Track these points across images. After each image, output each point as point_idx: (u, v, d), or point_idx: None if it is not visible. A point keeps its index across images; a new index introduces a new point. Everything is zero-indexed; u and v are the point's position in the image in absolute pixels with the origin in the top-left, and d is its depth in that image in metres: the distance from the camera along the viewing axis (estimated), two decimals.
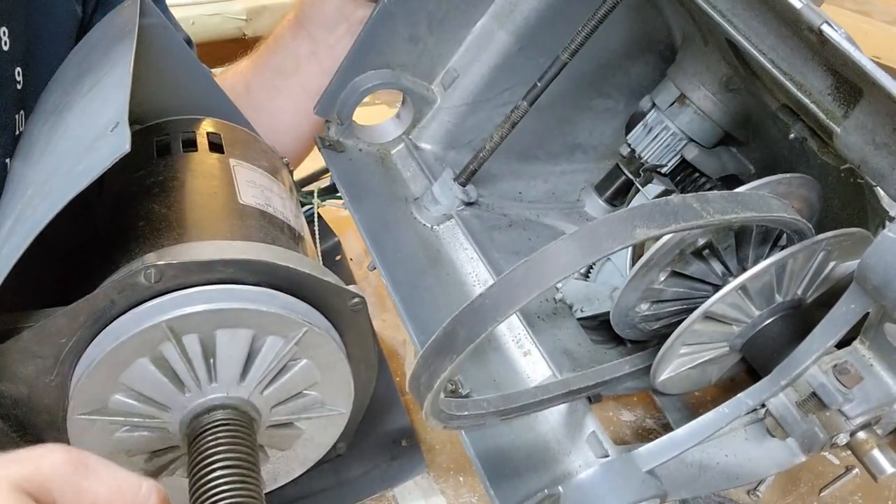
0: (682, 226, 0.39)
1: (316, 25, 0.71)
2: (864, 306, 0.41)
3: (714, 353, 0.55)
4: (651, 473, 0.47)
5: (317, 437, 0.52)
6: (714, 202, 0.41)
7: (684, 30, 0.68)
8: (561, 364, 0.57)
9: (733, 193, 0.44)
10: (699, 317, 0.49)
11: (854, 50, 0.37)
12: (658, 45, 0.72)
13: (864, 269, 0.38)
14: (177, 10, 1.09)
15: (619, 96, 0.76)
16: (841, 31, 0.39)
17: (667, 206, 0.40)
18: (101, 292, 0.42)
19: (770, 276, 0.49)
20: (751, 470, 0.52)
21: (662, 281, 0.53)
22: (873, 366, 0.50)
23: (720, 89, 0.66)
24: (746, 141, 0.71)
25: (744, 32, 0.51)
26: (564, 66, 0.60)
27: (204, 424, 0.44)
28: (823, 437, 0.50)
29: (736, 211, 0.42)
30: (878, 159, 0.44)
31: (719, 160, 0.71)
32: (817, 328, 0.44)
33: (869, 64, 0.37)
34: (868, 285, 0.38)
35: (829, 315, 0.43)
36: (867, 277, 0.38)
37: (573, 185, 0.77)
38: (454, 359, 0.38)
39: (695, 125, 0.68)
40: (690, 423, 0.47)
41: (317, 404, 0.50)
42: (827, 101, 0.47)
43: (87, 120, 0.46)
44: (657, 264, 0.52)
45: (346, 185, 0.63)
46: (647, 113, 0.71)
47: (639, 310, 0.57)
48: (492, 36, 0.67)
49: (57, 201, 0.38)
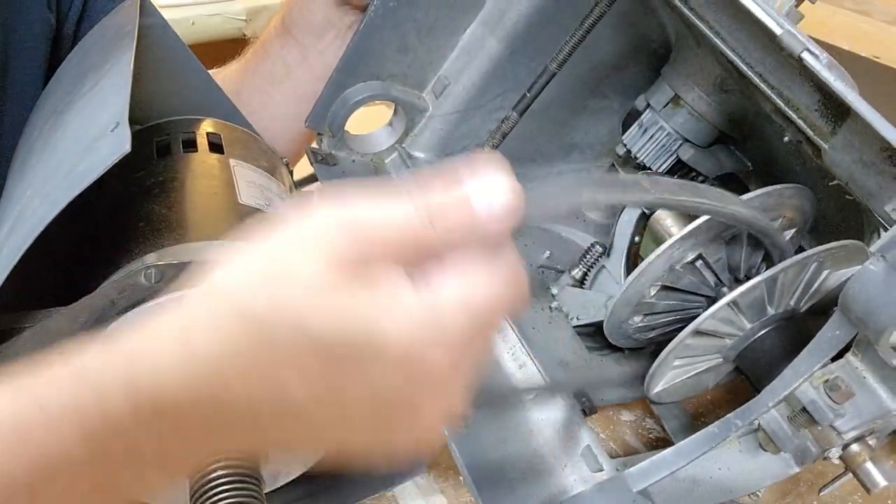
0: (627, 197, 0.38)
1: (304, 32, 0.70)
2: (849, 333, 0.41)
3: (708, 365, 0.55)
4: (643, 493, 0.48)
5: None
6: (665, 185, 0.41)
7: (677, 30, 0.67)
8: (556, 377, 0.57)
9: (690, 182, 0.44)
10: (689, 334, 0.49)
11: (835, 79, 0.37)
12: (652, 43, 0.71)
13: (847, 299, 0.38)
14: (177, 10, 1.09)
15: (615, 95, 0.75)
16: (822, 58, 0.38)
17: (615, 179, 0.39)
18: (101, 292, 0.42)
19: (761, 291, 0.48)
20: (745, 482, 0.52)
21: (654, 295, 0.53)
22: (866, 378, 0.50)
23: (714, 90, 0.65)
24: (743, 139, 0.70)
25: (731, 45, 0.51)
26: (553, 76, 0.59)
27: None
28: (815, 452, 0.50)
29: (685, 195, 0.42)
30: (866, 178, 0.44)
31: (716, 159, 0.70)
32: (804, 352, 0.44)
33: (850, 94, 0.37)
34: (851, 315, 0.38)
35: (816, 339, 0.43)
36: (850, 308, 0.38)
37: None
38: None
39: (689, 126, 0.67)
40: (680, 442, 0.48)
41: None
42: (814, 116, 0.46)
43: (86, 120, 0.46)
44: (649, 279, 0.53)
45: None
46: (643, 113, 0.70)
47: (632, 322, 0.57)
48: (482, 42, 0.67)
49: (57, 202, 0.38)
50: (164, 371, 0.26)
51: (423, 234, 0.28)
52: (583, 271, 0.65)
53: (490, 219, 0.28)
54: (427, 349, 0.28)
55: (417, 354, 0.28)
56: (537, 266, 0.68)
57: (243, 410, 0.27)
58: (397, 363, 0.28)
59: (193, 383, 0.26)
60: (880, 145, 0.42)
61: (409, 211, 0.28)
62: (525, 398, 0.52)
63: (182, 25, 0.85)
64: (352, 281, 0.27)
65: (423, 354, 0.28)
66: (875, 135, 0.41)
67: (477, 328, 0.29)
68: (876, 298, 0.36)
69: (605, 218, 0.72)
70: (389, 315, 0.27)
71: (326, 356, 0.27)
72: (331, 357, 0.27)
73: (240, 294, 0.27)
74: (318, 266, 0.27)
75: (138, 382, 0.26)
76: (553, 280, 0.67)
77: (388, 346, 0.27)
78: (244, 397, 0.27)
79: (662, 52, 0.71)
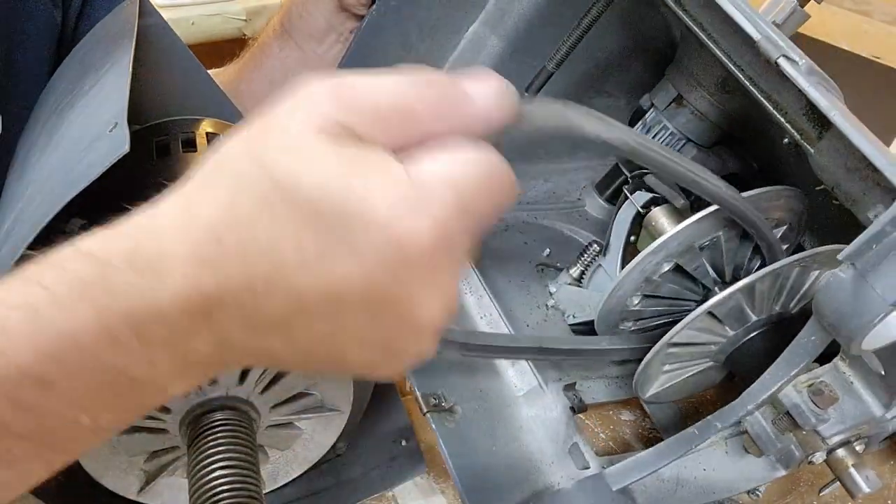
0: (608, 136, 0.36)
1: (303, 36, 0.71)
2: (824, 339, 0.41)
3: (699, 368, 0.55)
4: (623, 492, 0.48)
5: (316, 436, 0.53)
6: (652, 143, 0.40)
7: (682, 30, 0.66)
8: (547, 374, 0.58)
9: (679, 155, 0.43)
10: (663, 347, 0.49)
11: (809, 86, 0.37)
12: (658, 42, 0.71)
13: (818, 306, 0.38)
14: (177, 10, 1.09)
15: (620, 94, 0.75)
16: (802, 63, 0.38)
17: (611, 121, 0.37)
18: None
19: (737, 300, 0.48)
20: (730, 484, 0.53)
21: (638, 303, 0.53)
22: (854, 384, 0.50)
23: (717, 90, 0.65)
24: (748, 140, 0.70)
25: (724, 48, 0.51)
26: (551, 76, 0.59)
27: (204, 425, 0.44)
28: (799, 455, 0.50)
29: (670, 160, 0.40)
30: (850, 184, 0.44)
31: (720, 159, 0.70)
32: (782, 355, 0.44)
33: (824, 102, 0.36)
34: (824, 322, 0.38)
35: (793, 343, 0.43)
36: (822, 315, 0.38)
37: (575, 184, 0.77)
38: None
39: (692, 126, 0.67)
40: (660, 443, 0.48)
41: (316, 404, 0.50)
42: (802, 121, 0.46)
43: (86, 120, 0.46)
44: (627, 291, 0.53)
45: None
46: (647, 112, 0.70)
47: (624, 327, 0.57)
48: (484, 41, 0.67)
49: (56, 201, 0.38)
50: (167, 239, 0.26)
51: (414, 107, 0.28)
52: (580, 270, 0.65)
53: (482, 108, 0.28)
54: (414, 223, 0.27)
55: (405, 229, 0.27)
56: (537, 264, 0.68)
57: (240, 276, 0.27)
58: (385, 238, 0.27)
59: (195, 250, 0.26)
60: (864, 151, 0.42)
61: (402, 82, 0.28)
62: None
63: (182, 25, 0.85)
64: (338, 143, 0.27)
65: (409, 230, 0.27)
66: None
67: (462, 208, 0.28)
68: (845, 306, 0.36)
69: (605, 215, 0.72)
70: (374, 183, 0.27)
71: (314, 216, 0.26)
72: (319, 219, 0.26)
73: (234, 155, 0.28)
74: (306, 127, 0.27)
75: (143, 253, 0.26)
76: (552, 278, 0.68)
77: (376, 217, 0.27)
78: (240, 258, 0.26)
79: (668, 52, 0.71)
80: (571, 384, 0.58)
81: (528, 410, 0.57)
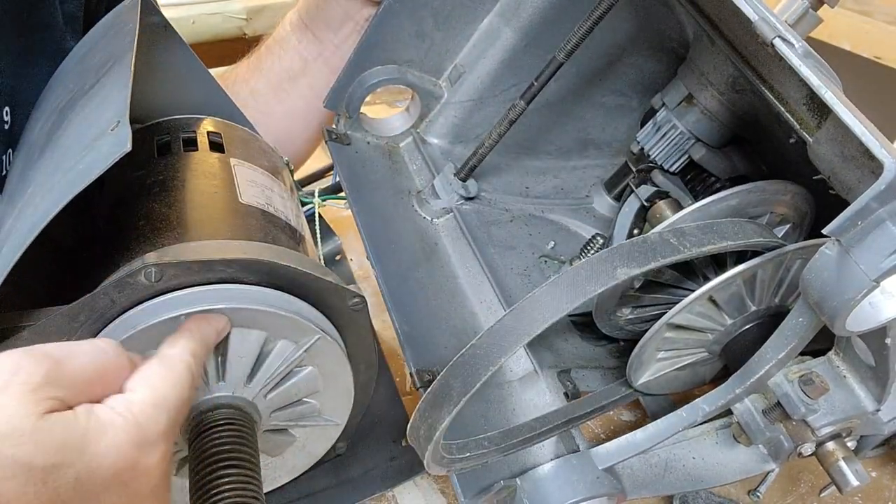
0: (662, 262, 0.40)
1: (321, 27, 0.72)
2: (811, 319, 0.41)
3: (693, 358, 0.55)
4: (608, 472, 0.48)
5: (308, 445, 0.53)
6: (691, 236, 0.42)
7: (694, 28, 0.67)
8: (542, 359, 0.58)
9: (709, 224, 0.45)
10: (662, 327, 0.49)
11: (805, 68, 0.37)
12: (671, 42, 0.72)
13: (805, 284, 0.38)
14: (177, 9, 1.11)
15: (633, 93, 0.76)
16: (798, 46, 0.39)
17: (644, 244, 0.40)
18: (101, 291, 0.42)
19: (738, 287, 0.49)
20: (717, 474, 0.53)
21: (638, 288, 0.53)
22: (846, 377, 0.50)
23: (727, 90, 0.66)
24: (758, 142, 0.70)
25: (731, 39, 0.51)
26: (560, 66, 0.60)
27: (208, 422, 0.44)
28: (788, 446, 0.50)
29: (713, 242, 0.43)
30: (846, 172, 0.44)
31: (729, 160, 0.70)
32: (771, 338, 0.44)
33: (815, 81, 0.37)
34: (810, 300, 0.38)
35: (782, 326, 0.43)
36: (808, 293, 0.38)
37: (584, 181, 0.78)
38: (451, 410, 0.40)
39: (701, 125, 0.68)
40: (648, 425, 0.48)
41: (314, 413, 0.50)
42: (802, 111, 0.46)
43: (87, 118, 0.46)
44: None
45: (348, 177, 0.66)
46: (658, 111, 0.71)
47: (621, 314, 0.57)
48: (498, 33, 0.68)
49: (58, 200, 0.39)
50: None
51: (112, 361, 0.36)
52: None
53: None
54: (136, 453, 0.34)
55: (131, 462, 0.34)
56: (540, 255, 0.69)
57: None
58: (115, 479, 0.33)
59: None
60: (861, 138, 0.42)
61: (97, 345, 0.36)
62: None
63: (182, 24, 0.86)
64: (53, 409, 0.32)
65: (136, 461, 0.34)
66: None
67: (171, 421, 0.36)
68: (829, 282, 0.36)
69: (612, 213, 0.73)
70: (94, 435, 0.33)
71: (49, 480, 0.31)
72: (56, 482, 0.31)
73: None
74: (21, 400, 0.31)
75: None
76: (555, 270, 0.68)
77: (102, 464, 0.32)
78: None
79: (682, 51, 0.71)
80: (566, 370, 0.58)
81: (522, 394, 0.58)
